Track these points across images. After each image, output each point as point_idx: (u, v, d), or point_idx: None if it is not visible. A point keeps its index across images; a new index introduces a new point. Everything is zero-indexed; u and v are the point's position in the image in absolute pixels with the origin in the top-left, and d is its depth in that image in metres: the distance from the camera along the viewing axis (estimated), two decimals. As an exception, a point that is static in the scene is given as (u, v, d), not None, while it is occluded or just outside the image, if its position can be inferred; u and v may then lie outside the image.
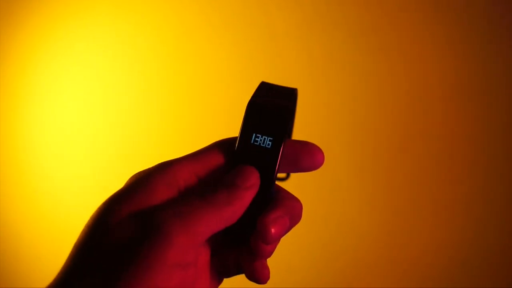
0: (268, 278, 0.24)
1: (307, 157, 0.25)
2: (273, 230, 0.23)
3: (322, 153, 0.25)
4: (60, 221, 0.86)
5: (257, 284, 0.25)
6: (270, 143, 0.24)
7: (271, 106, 0.25)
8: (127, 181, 0.24)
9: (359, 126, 0.75)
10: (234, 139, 0.25)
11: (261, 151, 0.24)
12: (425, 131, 0.73)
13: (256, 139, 0.24)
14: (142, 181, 0.23)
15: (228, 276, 0.25)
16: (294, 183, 0.33)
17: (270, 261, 0.26)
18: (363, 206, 0.75)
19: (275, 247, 0.25)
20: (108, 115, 0.85)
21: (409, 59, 0.73)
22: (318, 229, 0.75)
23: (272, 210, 0.24)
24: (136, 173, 0.24)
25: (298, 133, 0.31)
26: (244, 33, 0.79)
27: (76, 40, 0.84)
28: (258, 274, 0.24)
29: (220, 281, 0.25)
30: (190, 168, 0.23)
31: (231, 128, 0.27)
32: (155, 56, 0.83)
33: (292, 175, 0.31)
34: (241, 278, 0.25)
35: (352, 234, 0.75)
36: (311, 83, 0.75)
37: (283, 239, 0.27)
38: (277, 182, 0.26)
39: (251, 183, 0.23)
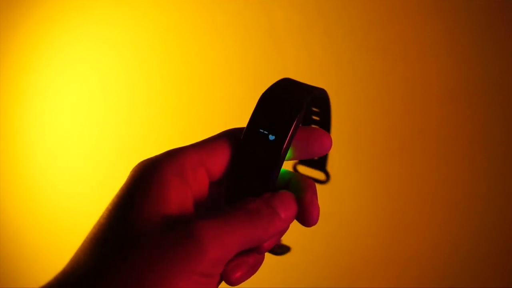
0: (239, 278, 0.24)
1: (316, 143, 0.25)
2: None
3: (330, 137, 0.26)
4: (59, 220, 0.86)
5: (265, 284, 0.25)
6: (275, 137, 0.24)
7: (283, 101, 0.25)
8: (135, 170, 0.23)
9: (359, 125, 0.75)
10: (242, 129, 0.25)
11: (266, 142, 0.24)
12: (424, 130, 0.73)
13: (263, 131, 0.24)
14: (151, 172, 0.22)
15: None
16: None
17: (270, 260, 0.26)
18: (362, 205, 0.75)
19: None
20: (109, 115, 0.85)
21: (410, 58, 0.73)
22: (317, 228, 0.75)
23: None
24: (143, 161, 0.23)
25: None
26: (245, 32, 0.79)
27: (75, 39, 0.84)
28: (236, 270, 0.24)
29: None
30: (197, 157, 0.24)
31: (232, 127, 0.26)
32: (155, 55, 0.83)
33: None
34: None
35: (352, 233, 0.75)
36: (311, 81, 0.75)
37: (283, 239, 0.27)
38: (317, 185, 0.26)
39: (289, 216, 0.24)
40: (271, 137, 0.24)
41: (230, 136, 0.25)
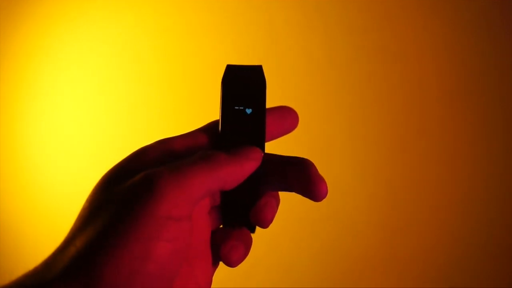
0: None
1: (288, 117, 0.26)
2: (269, 217, 0.24)
3: (295, 111, 0.27)
4: (59, 220, 0.86)
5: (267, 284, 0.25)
6: (252, 112, 0.25)
7: (245, 79, 0.26)
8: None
9: (358, 124, 0.75)
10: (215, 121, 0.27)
11: (245, 116, 0.25)
12: (424, 129, 0.73)
13: (238, 107, 0.25)
14: (138, 152, 0.26)
15: None
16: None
17: (270, 260, 0.25)
18: (362, 205, 0.75)
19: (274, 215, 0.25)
20: (109, 114, 0.85)
21: (409, 58, 0.74)
22: (317, 228, 0.75)
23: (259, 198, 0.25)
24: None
25: (299, 131, 0.31)
26: (245, 32, 0.79)
27: (75, 39, 0.84)
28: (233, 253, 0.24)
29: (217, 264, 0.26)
30: (183, 142, 0.25)
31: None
32: (155, 55, 0.83)
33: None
34: (239, 277, 0.25)
35: (351, 233, 0.75)
36: (311, 81, 0.75)
37: (283, 239, 0.27)
38: None
39: (254, 156, 0.24)
40: (248, 111, 0.25)
41: (210, 128, 0.27)
